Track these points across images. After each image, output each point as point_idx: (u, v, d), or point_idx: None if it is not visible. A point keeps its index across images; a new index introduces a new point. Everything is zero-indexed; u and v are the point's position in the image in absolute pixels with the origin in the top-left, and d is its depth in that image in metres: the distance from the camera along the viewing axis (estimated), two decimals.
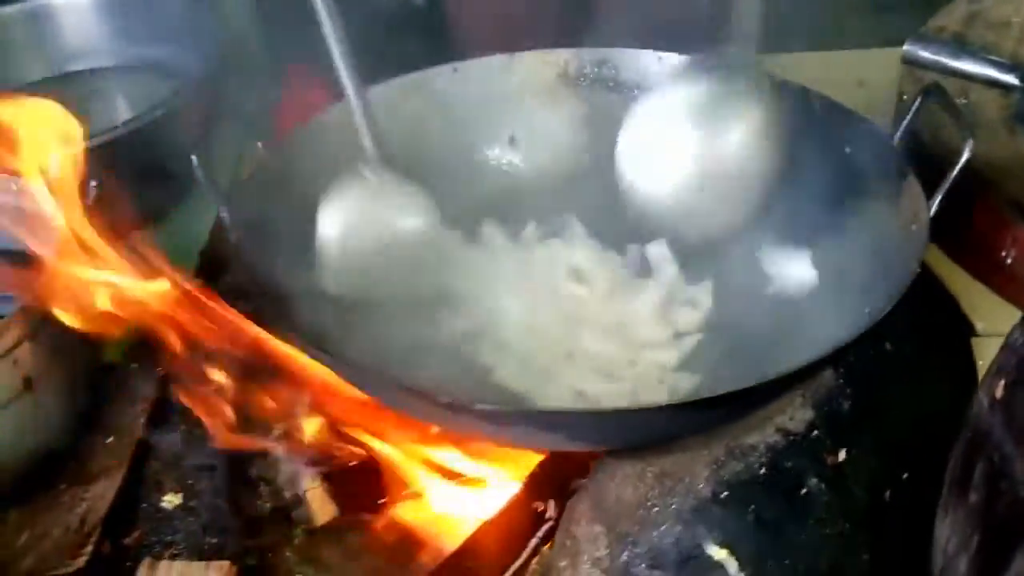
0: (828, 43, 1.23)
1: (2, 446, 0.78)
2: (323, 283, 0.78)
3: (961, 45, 1.03)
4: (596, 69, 0.95)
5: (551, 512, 0.78)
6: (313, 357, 0.71)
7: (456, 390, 0.74)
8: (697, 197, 0.76)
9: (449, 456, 0.80)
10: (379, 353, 0.79)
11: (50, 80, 1.23)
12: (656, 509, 0.70)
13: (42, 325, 0.78)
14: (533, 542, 0.77)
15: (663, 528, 0.70)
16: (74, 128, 0.84)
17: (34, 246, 0.81)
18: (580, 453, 0.77)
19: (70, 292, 0.80)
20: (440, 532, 0.78)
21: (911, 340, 0.83)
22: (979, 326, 0.87)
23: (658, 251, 0.86)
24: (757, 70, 0.74)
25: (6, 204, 0.87)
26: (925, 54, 0.99)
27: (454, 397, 0.62)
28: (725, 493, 0.70)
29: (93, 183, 0.83)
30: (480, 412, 0.63)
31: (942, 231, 0.73)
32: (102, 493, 0.82)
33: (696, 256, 0.85)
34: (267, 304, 0.72)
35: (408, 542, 0.78)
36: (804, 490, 0.71)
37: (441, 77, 0.93)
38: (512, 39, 0.95)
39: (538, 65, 0.96)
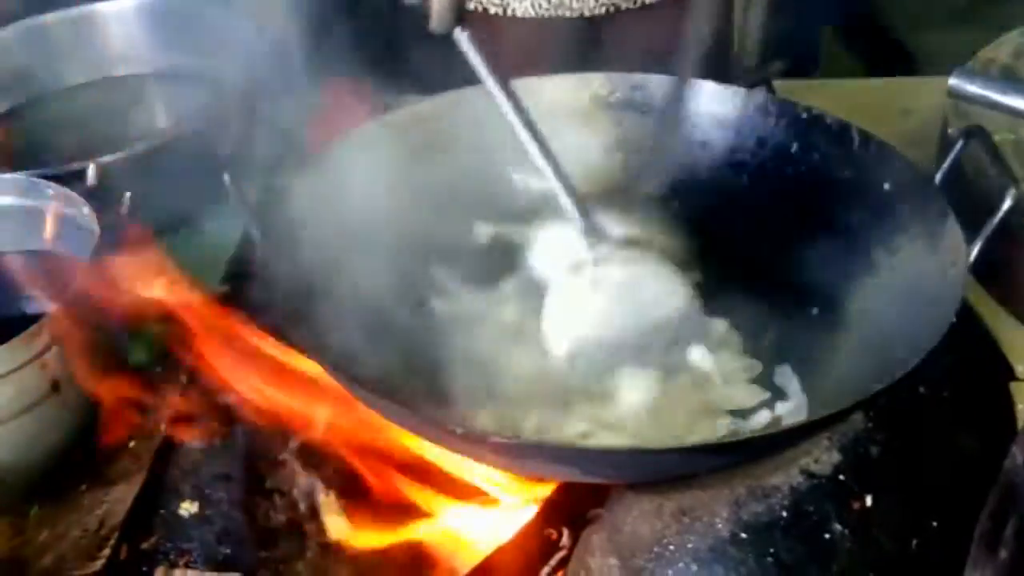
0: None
1: (27, 446, 0.79)
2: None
3: (1011, 79, 1.01)
4: (628, 94, 0.94)
5: (565, 540, 0.77)
6: (332, 376, 0.71)
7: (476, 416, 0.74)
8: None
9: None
10: (401, 373, 0.79)
11: (90, 85, 1.24)
12: (672, 547, 0.69)
13: (71, 329, 0.79)
14: (546, 570, 0.76)
15: (679, 566, 0.68)
16: None
17: (69, 251, 0.83)
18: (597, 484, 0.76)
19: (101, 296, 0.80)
20: (453, 553, 0.77)
21: (947, 383, 0.81)
22: (1019, 370, 0.85)
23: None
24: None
25: (41, 208, 0.89)
26: (972, 88, 0.96)
27: (468, 428, 0.62)
28: (744, 534, 0.69)
29: (128, 193, 0.84)
30: (494, 444, 0.62)
31: (984, 270, 0.71)
32: (122, 496, 0.83)
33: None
34: (286, 320, 0.72)
35: (421, 562, 0.77)
36: (827, 535, 0.69)
37: (473, 97, 0.93)
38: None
39: (570, 88, 0.95)
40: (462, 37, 0.74)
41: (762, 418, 0.80)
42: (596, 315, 0.74)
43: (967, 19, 1.32)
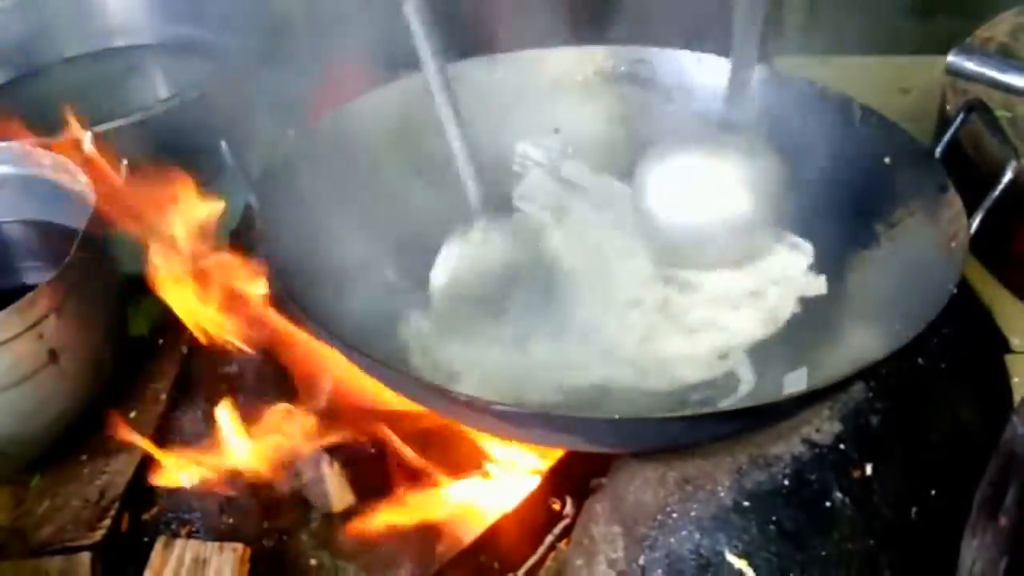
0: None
1: (26, 416, 0.79)
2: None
3: (1007, 57, 1.01)
4: (632, 67, 0.94)
5: (568, 510, 0.78)
6: (336, 348, 0.71)
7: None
8: (698, 227, 0.82)
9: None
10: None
11: (90, 56, 1.24)
12: (675, 514, 0.70)
13: (68, 298, 0.79)
14: (549, 539, 0.77)
15: (682, 534, 0.69)
16: None
17: (68, 219, 0.82)
18: (601, 453, 0.77)
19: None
20: (457, 523, 0.78)
21: (944, 355, 0.82)
22: (1014, 342, 0.86)
23: None
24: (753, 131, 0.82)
25: (40, 177, 0.88)
26: (970, 65, 0.97)
27: (471, 396, 0.62)
28: (747, 502, 0.69)
29: (124, 161, 0.83)
30: (499, 412, 0.63)
31: (980, 245, 0.71)
32: (123, 467, 0.83)
33: None
34: (287, 290, 0.72)
35: (425, 532, 0.78)
36: (828, 503, 0.70)
37: (476, 69, 0.93)
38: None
39: (573, 61, 0.95)
40: (409, 7, 0.76)
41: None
42: (473, 264, 0.82)
43: None
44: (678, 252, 0.84)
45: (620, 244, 0.88)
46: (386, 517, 0.77)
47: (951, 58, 0.94)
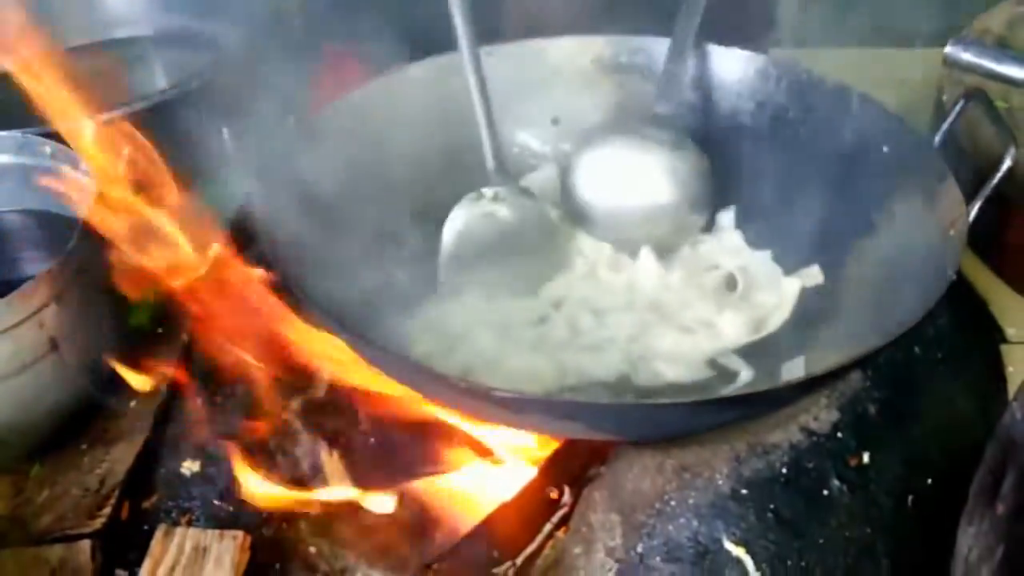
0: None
1: (26, 405, 0.79)
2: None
3: (1004, 48, 1.01)
4: (630, 58, 0.95)
5: (566, 498, 0.78)
6: (336, 335, 0.71)
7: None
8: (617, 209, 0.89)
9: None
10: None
11: (91, 46, 1.24)
12: (674, 502, 0.70)
13: (69, 287, 0.79)
14: (548, 527, 0.77)
15: (680, 521, 0.70)
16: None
17: (69, 208, 0.82)
18: (599, 441, 0.77)
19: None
20: (455, 512, 0.78)
21: (940, 344, 0.82)
22: (1010, 332, 0.87)
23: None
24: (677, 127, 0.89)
25: (40, 167, 0.88)
26: (967, 56, 0.97)
27: (471, 383, 0.62)
28: (745, 490, 0.70)
29: (126, 150, 0.84)
30: (497, 399, 0.63)
31: (975, 236, 0.72)
32: (122, 456, 0.83)
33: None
34: (287, 280, 0.72)
35: (423, 520, 0.78)
36: (825, 491, 0.70)
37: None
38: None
39: (572, 51, 0.95)
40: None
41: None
42: (479, 232, 0.86)
43: None
44: (603, 230, 0.89)
45: None
46: (384, 506, 0.78)
47: (948, 49, 0.94)
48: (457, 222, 0.86)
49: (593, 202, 0.89)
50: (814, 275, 0.83)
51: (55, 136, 0.86)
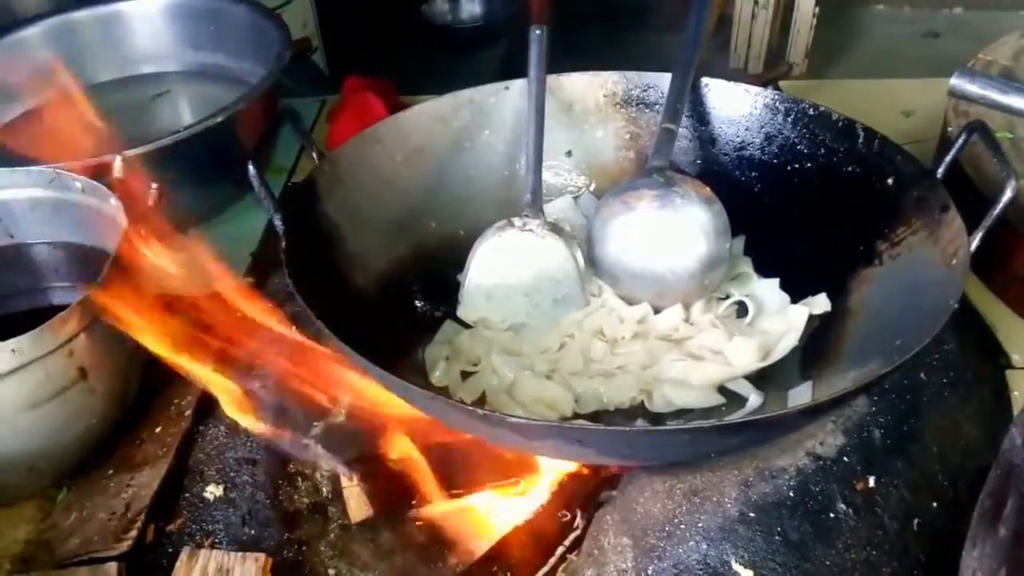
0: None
1: (56, 432, 0.81)
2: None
3: (1009, 80, 1.03)
4: (642, 92, 0.97)
5: (579, 521, 0.80)
6: (356, 365, 0.73)
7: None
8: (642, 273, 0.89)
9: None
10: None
11: (118, 82, 1.27)
12: (683, 525, 0.72)
13: (98, 317, 0.81)
14: (560, 550, 0.79)
15: (690, 544, 0.71)
16: None
17: (97, 240, 0.84)
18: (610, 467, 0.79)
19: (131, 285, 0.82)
20: (471, 535, 0.79)
21: (946, 370, 0.83)
22: (1015, 358, 0.88)
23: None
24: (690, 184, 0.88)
25: (70, 200, 0.90)
26: (972, 88, 0.98)
27: (486, 411, 0.64)
28: (753, 513, 0.71)
29: (154, 185, 0.86)
30: (512, 425, 0.65)
31: (981, 263, 0.73)
32: (148, 481, 0.84)
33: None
34: (310, 310, 0.74)
35: (439, 543, 0.80)
36: (832, 515, 0.71)
37: (493, 94, 0.96)
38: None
39: (585, 86, 0.98)
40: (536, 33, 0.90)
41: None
42: (504, 260, 0.89)
43: None
44: (629, 291, 0.90)
45: None
46: (402, 529, 0.79)
47: (954, 81, 0.96)
48: (486, 248, 0.88)
49: (618, 268, 0.89)
50: (821, 303, 0.84)
51: (85, 171, 0.89)
